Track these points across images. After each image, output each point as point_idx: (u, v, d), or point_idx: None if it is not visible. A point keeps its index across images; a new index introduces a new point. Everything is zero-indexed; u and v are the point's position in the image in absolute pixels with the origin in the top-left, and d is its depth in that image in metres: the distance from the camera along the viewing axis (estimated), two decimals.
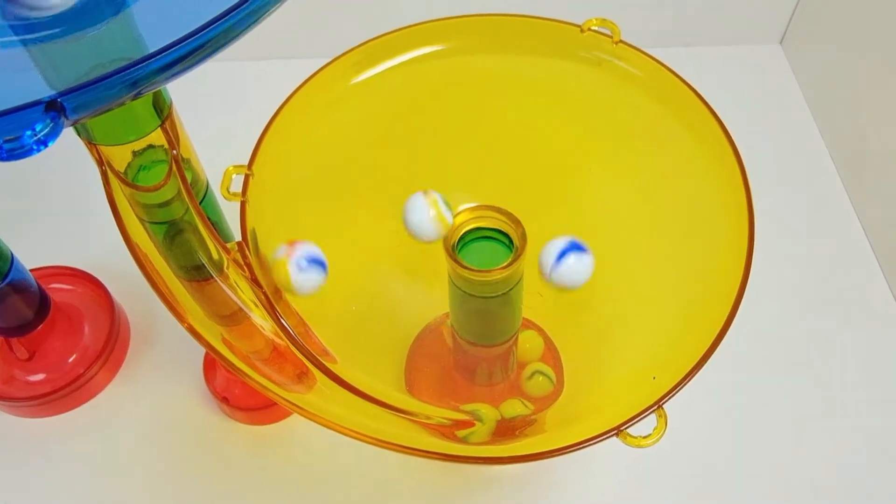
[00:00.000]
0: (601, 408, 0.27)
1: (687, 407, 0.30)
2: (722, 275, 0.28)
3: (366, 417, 0.26)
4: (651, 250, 0.33)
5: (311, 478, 0.38)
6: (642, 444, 0.24)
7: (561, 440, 0.24)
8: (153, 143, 0.26)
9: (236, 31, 0.17)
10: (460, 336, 0.33)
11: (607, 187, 0.35)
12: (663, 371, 0.26)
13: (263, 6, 0.18)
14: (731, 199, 0.30)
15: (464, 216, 0.28)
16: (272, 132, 0.31)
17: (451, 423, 0.28)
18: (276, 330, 0.27)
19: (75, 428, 0.40)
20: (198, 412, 0.41)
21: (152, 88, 0.17)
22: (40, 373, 0.41)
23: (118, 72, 0.15)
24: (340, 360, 0.29)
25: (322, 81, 0.32)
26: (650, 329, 0.30)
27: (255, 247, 0.29)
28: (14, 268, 0.37)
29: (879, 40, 0.47)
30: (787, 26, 0.57)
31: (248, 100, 0.45)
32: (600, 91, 0.33)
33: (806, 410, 0.41)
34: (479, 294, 0.29)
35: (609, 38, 0.33)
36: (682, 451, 0.39)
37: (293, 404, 0.25)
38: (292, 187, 0.32)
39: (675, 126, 0.32)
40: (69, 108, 0.15)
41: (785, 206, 0.49)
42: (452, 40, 0.34)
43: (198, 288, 0.27)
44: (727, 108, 0.32)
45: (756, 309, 0.38)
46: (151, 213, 0.27)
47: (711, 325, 0.27)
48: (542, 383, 0.37)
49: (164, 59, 0.16)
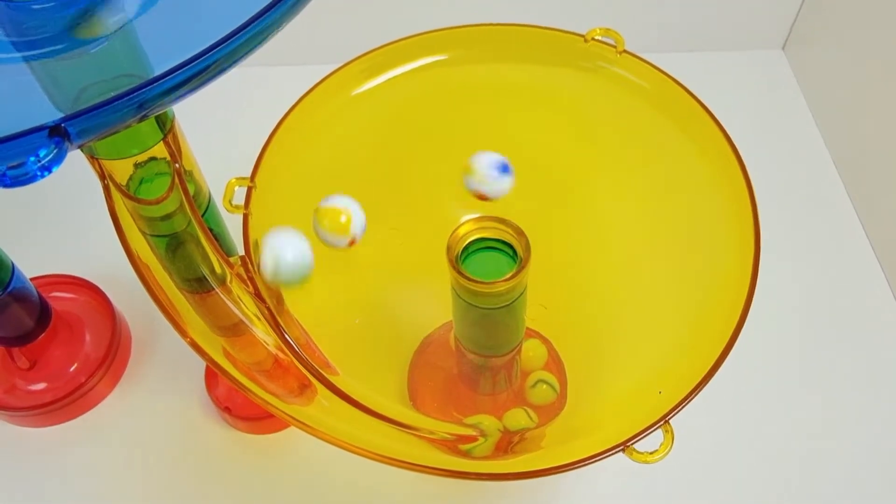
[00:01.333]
0: (606, 422, 0.27)
1: (692, 420, 0.30)
2: (728, 285, 0.28)
3: (367, 431, 0.26)
4: (656, 260, 0.33)
5: (314, 487, 0.38)
6: (649, 461, 0.24)
7: (566, 455, 0.24)
8: (155, 156, 0.26)
9: (244, 51, 0.17)
10: (464, 346, 0.33)
11: (612, 197, 0.34)
12: (669, 384, 0.26)
13: (271, 25, 0.17)
14: (735, 208, 0.30)
15: (467, 227, 0.28)
16: (274, 144, 0.31)
17: (455, 437, 0.28)
18: (279, 342, 0.27)
19: (76, 437, 0.40)
20: (199, 421, 0.40)
21: (159, 111, 0.17)
22: (41, 382, 0.41)
23: (123, 95, 0.15)
24: (342, 373, 0.29)
25: (324, 93, 0.32)
26: (655, 341, 0.30)
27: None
28: (15, 277, 0.37)
29: (881, 45, 0.47)
30: (790, 32, 0.57)
31: (250, 112, 0.44)
32: (604, 101, 0.33)
33: (815, 423, 0.40)
34: (482, 305, 0.29)
35: (613, 47, 0.33)
36: (687, 465, 0.38)
37: (294, 419, 0.25)
38: (295, 199, 0.32)
39: (678, 136, 0.32)
40: (73, 133, 0.15)
41: (788, 212, 0.48)
42: (455, 50, 0.34)
43: (200, 300, 0.27)
44: (730, 113, 0.32)
45: (761, 318, 0.38)
46: (153, 225, 0.27)
47: (718, 338, 0.26)
48: (545, 392, 0.37)
49: (171, 81, 0.16)
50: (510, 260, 0.28)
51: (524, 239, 0.28)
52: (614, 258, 0.34)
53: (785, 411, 0.41)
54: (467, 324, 0.31)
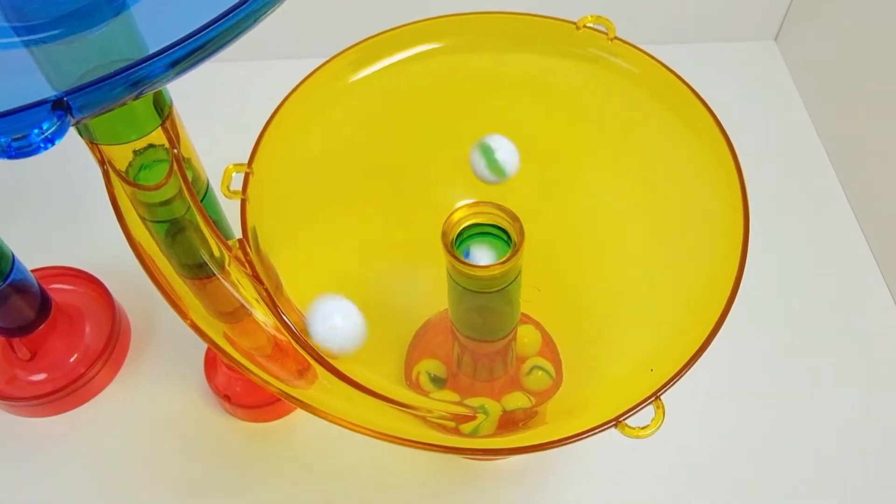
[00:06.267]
0: (600, 400, 0.27)
1: (684, 399, 0.31)
2: (718, 268, 0.28)
3: (368, 412, 0.26)
4: (647, 244, 0.33)
5: (312, 474, 0.39)
6: (641, 435, 0.24)
7: (562, 431, 0.25)
8: (154, 143, 0.26)
9: (236, 32, 0.18)
10: (459, 332, 0.33)
11: (603, 182, 0.35)
12: (661, 363, 0.26)
13: (262, 7, 0.18)
14: (726, 194, 0.30)
15: (462, 212, 0.28)
16: (271, 130, 0.31)
17: (452, 416, 0.28)
18: (278, 326, 0.28)
19: (77, 427, 0.41)
20: (199, 410, 0.41)
21: (154, 88, 0.17)
22: (42, 372, 0.41)
23: (121, 72, 0.16)
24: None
25: (320, 80, 0.33)
26: (647, 322, 0.30)
27: (256, 244, 0.29)
28: (15, 268, 0.37)
29: (873, 36, 0.47)
30: (782, 23, 0.57)
31: (247, 99, 0.45)
32: (596, 88, 0.34)
33: (802, 401, 0.41)
34: (477, 290, 0.29)
35: (604, 34, 0.33)
36: (677, 442, 0.39)
37: (295, 399, 0.25)
38: (292, 185, 0.33)
39: (670, 122, 0.32)
40: (75, 107, 0.15)
41: (780, 201, 0.49)
42: (448, 38, 0.34)
43: (200, 286, 0.28)
44: (722, 104, 0.32)
45: (752, 301, 0.38)
46: (153, 211, 0.27)
47: (708, 318, 0.27)
48: (541, 378, 0.37)
49: (166, 59, 0.16)
50: (504, 245, 0.29)
51: (518, 224, 0.28)
52: (607, 242, 0.35)
53: (772, 389, 0.41)
54: (462, 309, 0.32)
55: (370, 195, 0.34)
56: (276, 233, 0.31)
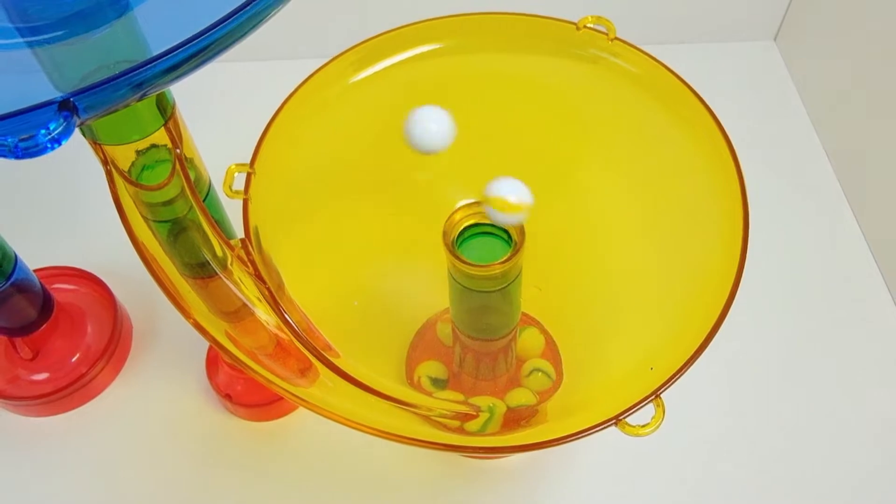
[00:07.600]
0: (600, 398, 0.27)
1: (684, 397, 0.31)
2: (718, 268, 0.29)
3: (369, 410, 0.26)
4: (647, 244, 0.33)
5: (314, 473, 0.39)
6: (640, 433, 0.24)
7: (562, 430, 0.25)
8: (157, 143, 0.26)
9: (240, 34, 0.18)
10: (460, 331, 0.33)
11: (603, 182, 0.35)
12: (661, 362, 0.26)
13: (265, 9, 0.18)
14: (725, 193, 0.30)
15: (463, 212, 0.29)
16: (273, 131, 0.32)
17: (455, 415, 0.29)
18: (280, 325, 0.28)
19: (79, 427, 0.41)
20: (200, 409, 0.41)
21: (158, 89, 0.17)
22: (44, 372, 0.41)
23: (125, 73, 0.16)
24: (343, 355, 0.29)
25: (322, 80, 0.33)
26: (647, 321, 0.31)
27: (258, 243, 0.30)
28: (18, 268, 0.37)
29: (873, 36, 0.47)
30: (782, 23, 0.57)
31: (249, 99, 0.45)
32: (596, 88, 0.34)
33: (801, 400, 0.41)
34: (478, 289, 0.29)
35: (605, 35, 0.33)
36: (677, 441, 0.39)
37: (298, 397, 0.26)
38: (294, 185, 0.33)
39: (670, 122, 0.33)
40: (81, 108, 0.15)
41: (780, 201, 0.49)
42: (449, 39, 0.34)
43: (202, 285, 0.28)
44: (722, 104, 0.33)
45: (752, 301, 0.38)
46: (155, 211, 0.27)
47: (708, 317, 0.27)
48: (540, 380, 0.37)
49: (170, 60, 0.16)
50: (505, 244, 0.29)
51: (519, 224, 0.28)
52: (607, 241, 0.35)
53: (772, 389, 0.41)
54: (464, 308, 0.32)
55: (372, 195, 0.34)
56: (277, 232, 0.31)
